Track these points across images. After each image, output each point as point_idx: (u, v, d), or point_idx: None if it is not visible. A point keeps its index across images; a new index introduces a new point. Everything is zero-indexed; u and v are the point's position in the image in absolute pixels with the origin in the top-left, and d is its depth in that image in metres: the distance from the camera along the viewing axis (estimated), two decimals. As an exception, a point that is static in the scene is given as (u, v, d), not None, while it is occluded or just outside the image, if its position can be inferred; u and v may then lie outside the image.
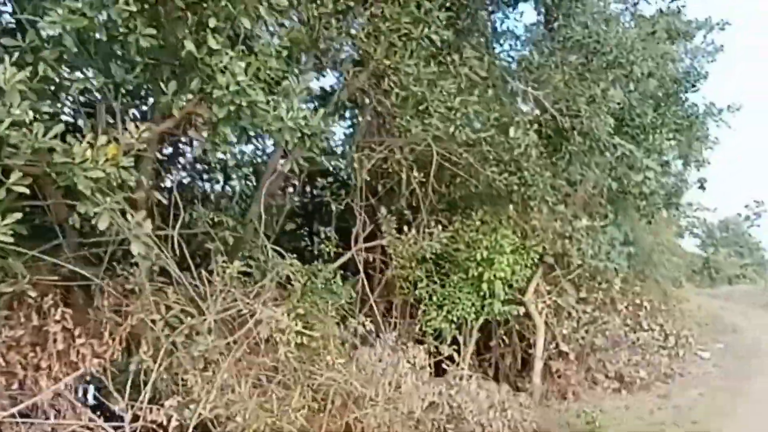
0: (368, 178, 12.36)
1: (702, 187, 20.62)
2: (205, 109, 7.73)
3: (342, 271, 12.41)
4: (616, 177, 16.19)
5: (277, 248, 10.77)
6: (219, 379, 8.63)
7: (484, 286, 13.12)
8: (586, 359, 16.45)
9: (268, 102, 7.46)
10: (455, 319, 12.97)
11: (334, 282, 10.99)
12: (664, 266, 21.18)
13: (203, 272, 9.58)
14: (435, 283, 13.44)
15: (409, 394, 10.99)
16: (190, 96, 7.67)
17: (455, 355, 13.42)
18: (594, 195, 16.29)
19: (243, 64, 7.25)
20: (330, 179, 14.21)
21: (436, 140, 12.01)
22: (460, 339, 13.76)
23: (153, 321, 8.33)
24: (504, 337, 16.31)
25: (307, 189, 15.57)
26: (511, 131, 11.93)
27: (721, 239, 40.13)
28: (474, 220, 13.78)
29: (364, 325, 11.12)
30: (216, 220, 9.88)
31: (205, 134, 8.10)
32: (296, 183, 14.06)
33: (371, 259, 13.33)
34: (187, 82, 7.52)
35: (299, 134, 7.69)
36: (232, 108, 7.33)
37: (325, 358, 10.22)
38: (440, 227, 12.51)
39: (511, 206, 14.41)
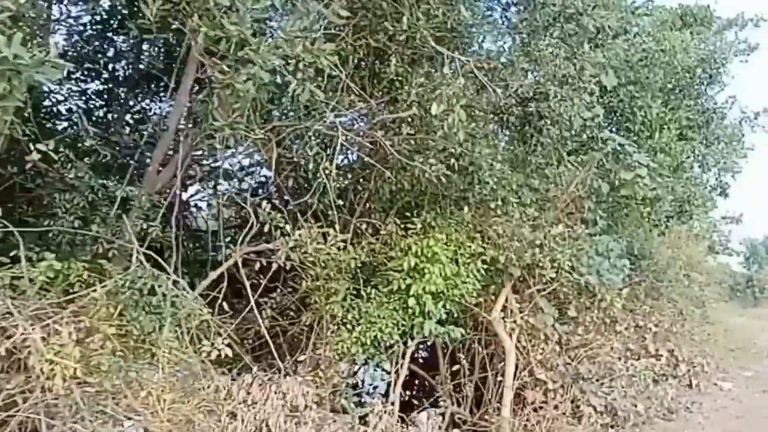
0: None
1: (723, 194, 16.60)
2: None
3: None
4: (609, 178, 12.51)
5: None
6: None
7: (411, 301, 9.69)
8: (570, 389, 12.69)
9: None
10: (369, 341, 9.53)
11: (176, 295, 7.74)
12: (684, 283, 17.16)
13: None
14: (359, 297, 10.09)
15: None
16: None
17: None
18: (580, 197, 12.59)
19: None
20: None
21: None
22: (390, 366, 10.32)
23: None
24: (469, 361, 12.87)
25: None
26: (434, 107, 8.56)
27: (766, 256, 34.87)
28: (416, 224, 10.36)
29: (218, 351, 7.80)
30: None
31: None
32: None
33: (287, 268, 10.02)
34: None
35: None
36: None
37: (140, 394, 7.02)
38: (333, 229, 9.02)
39: (466, 208, 10.99)
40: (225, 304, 8.90)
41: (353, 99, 9.34)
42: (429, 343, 13.31)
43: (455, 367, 13.21)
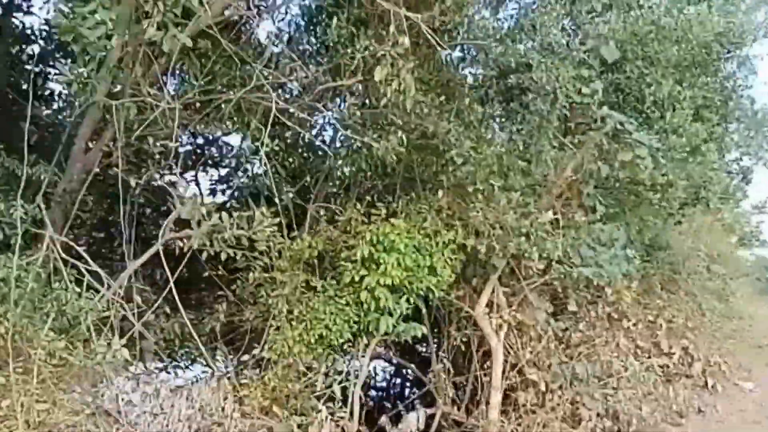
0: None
1: (746, 179, 14.43)
2: None
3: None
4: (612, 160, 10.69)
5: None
6: None
7: (364, 295, 8.07)
8: (566, 390, 10.87)
9: None
10: (314, 339, 7.94)
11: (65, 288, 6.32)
12: (704, 276, 15.05)
13: None
14: (312, 290, 8.53)
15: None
16: None
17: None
18: (578, 182, 10.77)
19: None
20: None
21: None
22: (343, 365, 8.71)
23: None
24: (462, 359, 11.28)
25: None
26: (377, 72, 6.93)
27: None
28: (380, 210, 8.75)
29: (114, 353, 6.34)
30: None
31: None
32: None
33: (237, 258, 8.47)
34: None
35: None
36: None
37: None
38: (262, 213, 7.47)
39: (440, 193, 9.35)
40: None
41: (295, 66, 7.76)
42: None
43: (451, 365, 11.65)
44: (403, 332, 8.47)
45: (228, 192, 11.22)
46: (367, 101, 8.46)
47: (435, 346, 12.22)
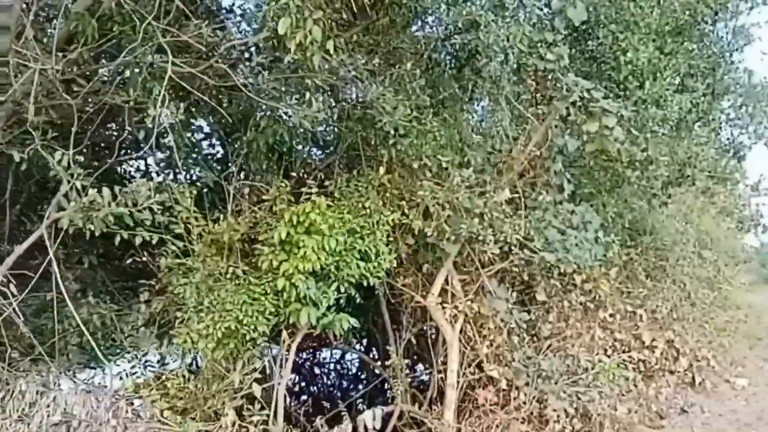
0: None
1: (737, 156, 13.46)
2: None
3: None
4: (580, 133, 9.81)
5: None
6: None
7: (281, 283, 7.24)
8: (531, 388, 10.00)
9: None
10: (221, 333, 7.11)
11: None
12: (694, 262, 14.13)
13: None
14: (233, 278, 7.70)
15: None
16: None
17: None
18: (542, 158, 9.91)
19: None
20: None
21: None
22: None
23: None
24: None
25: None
26: (280, 25, 6.09)
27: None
28: (311, 187, 7.91)
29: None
30: None
31: None
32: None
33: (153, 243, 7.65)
34: None
35: None
36: None
37: None
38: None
39: (381, 169, 8.55)
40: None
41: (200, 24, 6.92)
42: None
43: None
44: (330, 325, 7.62)
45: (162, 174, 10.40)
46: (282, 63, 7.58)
47: (394, 338, 11.44)
